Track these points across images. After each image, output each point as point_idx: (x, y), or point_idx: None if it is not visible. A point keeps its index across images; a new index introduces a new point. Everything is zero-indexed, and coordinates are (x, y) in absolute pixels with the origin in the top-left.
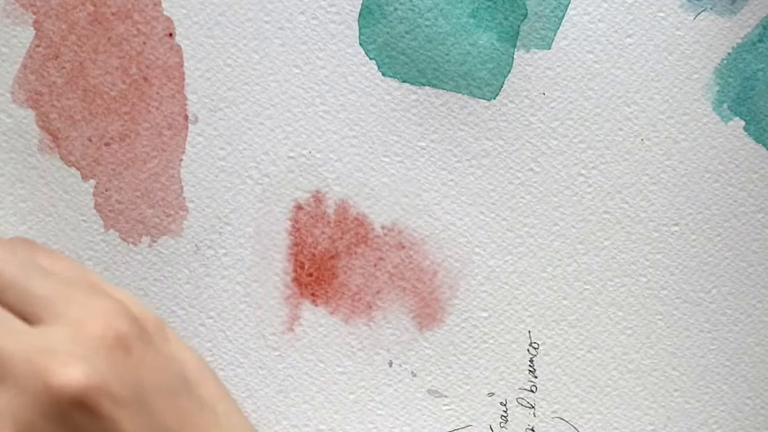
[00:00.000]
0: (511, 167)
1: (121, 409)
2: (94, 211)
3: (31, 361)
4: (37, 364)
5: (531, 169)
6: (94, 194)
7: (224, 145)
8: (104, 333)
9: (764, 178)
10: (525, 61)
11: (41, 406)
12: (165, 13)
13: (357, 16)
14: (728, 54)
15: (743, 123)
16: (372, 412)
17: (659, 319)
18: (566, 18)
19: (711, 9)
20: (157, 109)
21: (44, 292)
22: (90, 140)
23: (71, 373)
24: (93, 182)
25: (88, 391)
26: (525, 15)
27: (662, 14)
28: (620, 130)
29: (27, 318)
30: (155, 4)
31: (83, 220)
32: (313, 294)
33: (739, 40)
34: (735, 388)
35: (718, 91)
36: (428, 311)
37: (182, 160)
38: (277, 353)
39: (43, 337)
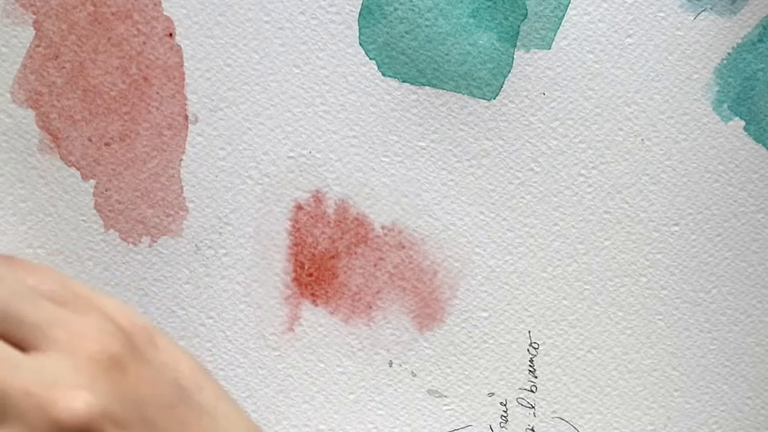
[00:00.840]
0: (511, 167)
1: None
2: (94, 211)
3: (32, 394)
4: (39, 398)
5: (531, 169)
6: (94, 194)
7: (224, 145)
8: (98, 356)
9: (764, 178)
10: (525, 61)
11: None
12: (165, 13)
13: (357, 16)
14: (728, 54)
15: (743, 123)
16: (372, 412)
17: (659, 319)
18: (566, 18)
19: (711, 9)
20: (157, 109)
21: (35, 319)
22: (90, 140)
23: (74, 403)
24: (93, 182)
25: (93, 420)
26: (525, 15)
27: (662, 14)
28: (620, 130)
29: (19, 344)
30: (155, 4)
31: (83, 220)
32: (313, 294)
33: (739, 40)
34: (735, 388)
35: (718, 91)
36: (428, 311)
37: (182, 160)
38: (277, 353)
39: (40, 368)
